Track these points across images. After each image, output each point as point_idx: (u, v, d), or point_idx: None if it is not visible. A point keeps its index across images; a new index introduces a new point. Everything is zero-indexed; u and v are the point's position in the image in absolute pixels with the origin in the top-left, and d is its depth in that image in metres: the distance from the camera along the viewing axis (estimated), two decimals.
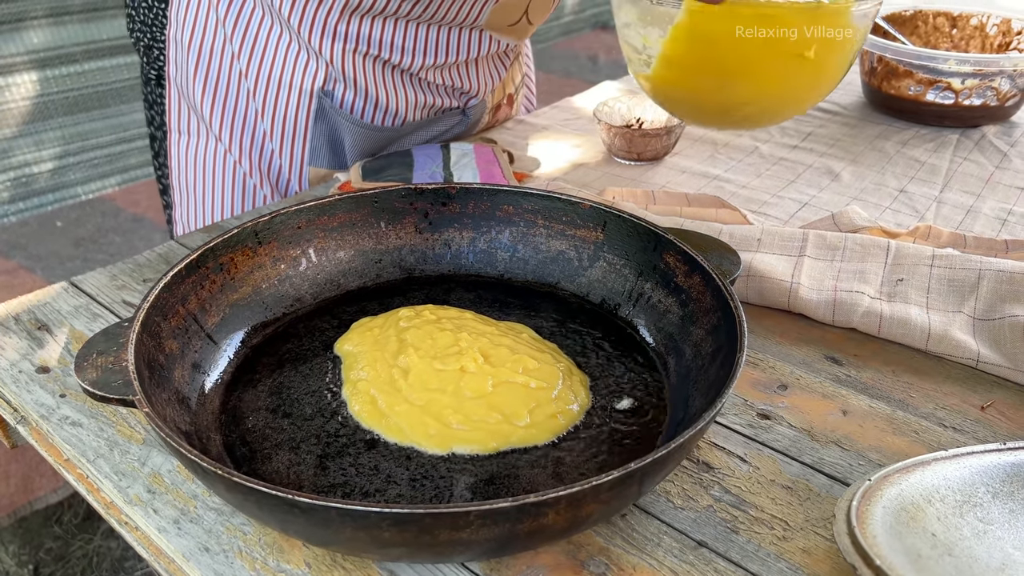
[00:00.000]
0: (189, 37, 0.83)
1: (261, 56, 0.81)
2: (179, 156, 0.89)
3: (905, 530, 0.40)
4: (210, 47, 0.82)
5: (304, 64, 0.81)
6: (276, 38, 0.80)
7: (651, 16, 0.70)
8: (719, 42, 0.68)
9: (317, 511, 0.35)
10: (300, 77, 0.82)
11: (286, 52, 0.81)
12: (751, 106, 0.74)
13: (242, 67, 0.82)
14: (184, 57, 0.84)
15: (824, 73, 0.72)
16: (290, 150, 0.85)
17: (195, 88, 0.85)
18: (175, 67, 0.86)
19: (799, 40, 0.67)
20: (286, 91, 0.82)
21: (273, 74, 0.82)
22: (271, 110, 0.83)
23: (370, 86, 0.83)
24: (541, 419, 0.49)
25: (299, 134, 0.84)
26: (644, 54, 0.73)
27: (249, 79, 0.82)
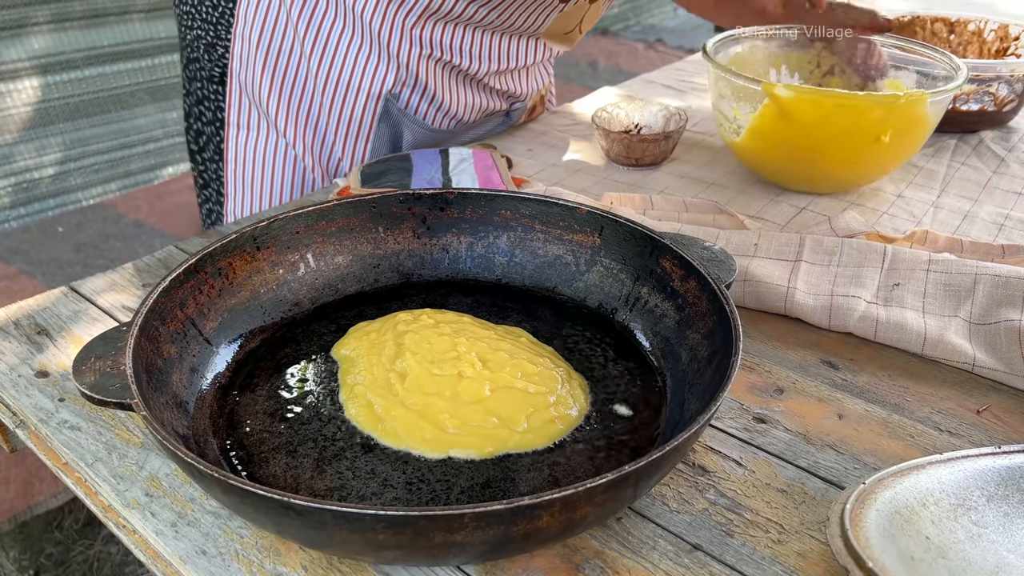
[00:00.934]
0: (259, 35, 0.85)
1: (332, 58, 0.84)
2: (236, 150, 0.91)
3: (899, 533, 0.40)
4: (279, 46, 0.85)
5: (374, 67, 0.85)
6: (348, 41, 0.84)
7: (744, 93, 0.77)
8: (803, 124, 0.75)
9: (312, 514, 0.36)
10: (369, 80, 0.85)
11: (356, 55, 0.84)
12: (828, 177, 0.81)
13: (311, 67, 0.85)
14: (252, 54, 0.86)
15: (900, 151, 0.78)
16: (352, 148, 0.89)
17: (261, 84, 0.87)
18: (240, 63, 0.88)
19: (876, 127, 0.73)
20: (354, 93, 0.86)
21: (343, 76, 0.85)
22: (338, 110, 0.87)
23: (437, 89, 0.87)
24: (539, 424, 0.49)
25: (362, 134, 0.88)
26: (735, 124, 0.80)
27: (319, 79, 0.85)
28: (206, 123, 0.99)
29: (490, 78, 0.90)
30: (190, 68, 0.98)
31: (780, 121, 0.75)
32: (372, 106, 0.87)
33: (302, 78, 0.86)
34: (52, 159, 2.38)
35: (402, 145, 0.90)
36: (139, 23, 2.39)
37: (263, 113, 0.89)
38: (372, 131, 0.88)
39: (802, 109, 0.74)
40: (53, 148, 2.37)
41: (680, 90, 1.13)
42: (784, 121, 0.75)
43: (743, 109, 0.78)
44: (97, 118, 2.40)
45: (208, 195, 1.05)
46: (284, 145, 0.89)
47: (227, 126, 0.92)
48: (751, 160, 0.83)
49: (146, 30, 2.41)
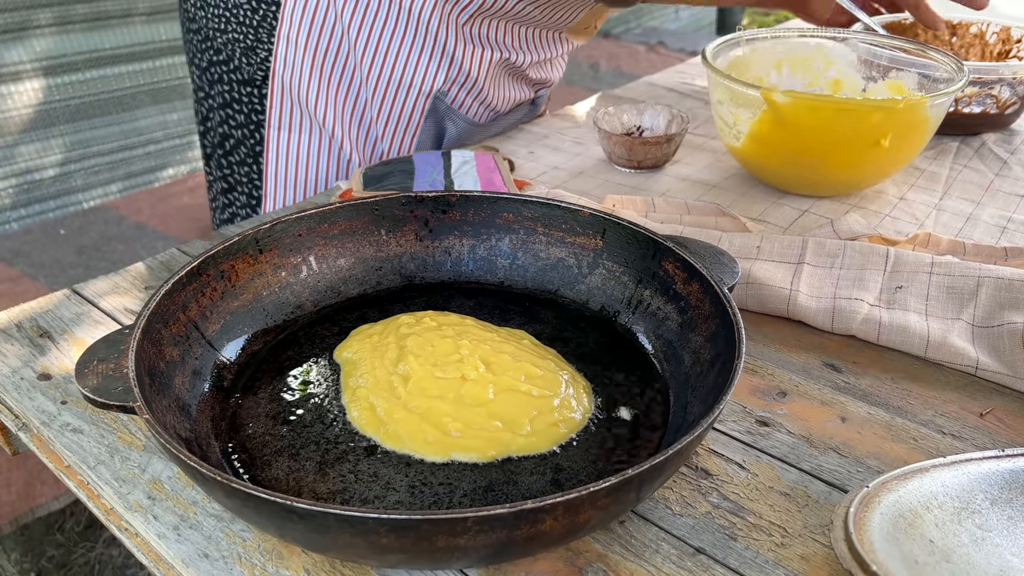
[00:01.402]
0: (307, 35, 0.87)
1: (384, 56, 0.87)
2: (278, 150, 0.93)
3: (903, 537, 0.40)
4: (327, 45, 0.87)
5: (426, 65, 0.88)
6: (400, 39, 0.86)
7: (743, 99, 0.77)
8: (802, 129, 0.75)
9: (315, 517, 0.36)
10: (421, 77, 0.88)
11: (409, 53, 0.87)
12: (829, 181, 0.81)
13: (363, 66, 0.87)
14: (298, 54, 0.88)
15: (900, 155, 0.78)
16: (399, 144, 0.93)
17: (309, 84, 0.89)
18: (283, 64, 0.89)
19: (876, 131, 0.73)
20: (405, 90, 0.89)
21: (394, 74, 0.88)
22: (388, 107, 0.90)
23: (484, 83, 0.92)
24: (542, 427, 0.49)
25: (410, 129, 0.92)
26: (735, 129, 0.80)
27: (370, 77, 0.88)
28: (236, 126, 0.99)
29: (530, 69, 0.96)
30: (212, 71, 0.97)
31: (779, 126, 0.75)
32: (422, 103, 0.90)
33: (349, 76, 0.89)
34: (54, 160, 2.38)
35: (444, 140, 0.94)
36: (140, 26, 2.40)
37: (308, 113, 0.90)
38: (419, 126, 0.91)
39: (800, 115, 0.73)
40: (55, 150, 2.37)
41: (682, 92, 1.13)
42: (783, 126, 0.75)
43: (742, 114, 0.78)
44: (98, 120, 2.41)
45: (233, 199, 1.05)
46: (328, 142, 0.91)
47: (268, 127, 0.94)
48: (752, 164, 0.83)
49: (147, 33, 2.42)
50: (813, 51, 0.91)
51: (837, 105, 0.72)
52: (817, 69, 0.91)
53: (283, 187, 0.94)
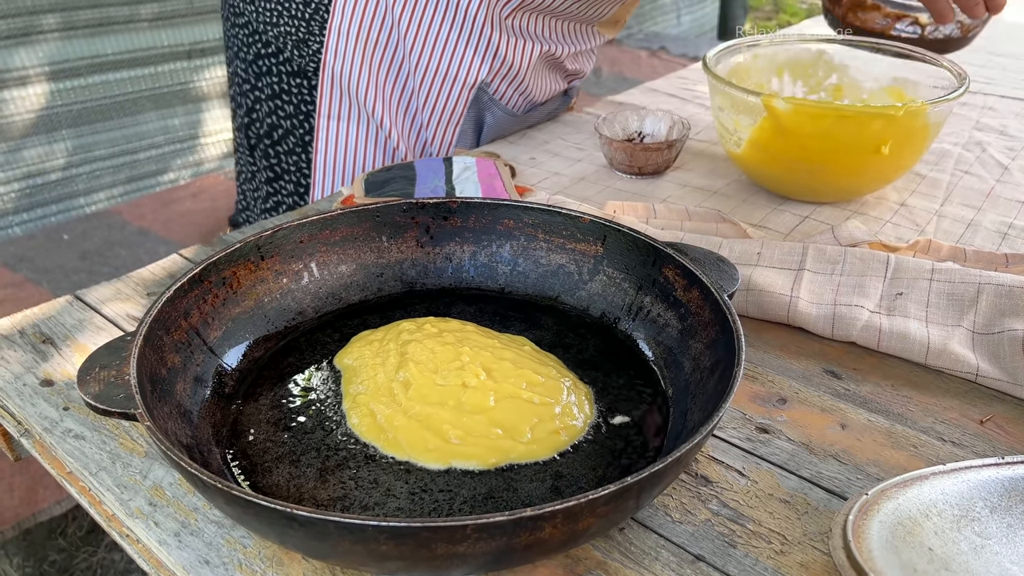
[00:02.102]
0: (357, 28, 0.91)
1: (432, 49, 0.91)
2: (328, 139, 0.97)
3: (902, 545, 0.40)
4: (376, 38, 0.91)
5: (471, 58, 0.91)
6: (447, 30, 0.90)
7: (744, 106, 0.77)
8: (802, 137, 0.75)
9: (315, 524, 0.36)
10: (466, 70, 0.92)
11: (455, 46, 0.90)
12: (829, 188, 0.82)
13: (411, 59, 0.91)
14: (349, 47, 0.91)
15: (901, 162, 0.78)
16: (443, 133, 0.96)
17: (359, 76, 0.92)
18: (334, 55, 0.93)
19: (877, 138, 0.73)
20: (450, 82, 0.92)
21: (441, 66, 0.92)
22: (434, 98, 0.94)
23: (525, 75, 0.95)
24: (543, 435, 0.49)
25: (453, 119, 0.95)
26: (735, 135, 0.81)
27: (418, 69, 0.92)
28: (285, 116, 1.03)
29: (567, 60, 1.00)
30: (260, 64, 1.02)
31: (780, 133, 0.75)
32: (466, 95, 0.93)
33: (398, 68, 0.92)
34: (56, 165, 2.39)
35: (483, 130, 0.98)
36: (144, 32, 2.40)
37: (358, 102, 0.94)
38: (463, 117, 0.95)
39: (801, 122, 0.73)
40: (58, 154, 2.38)
41: (683, 98, 1.14)
42: (784, 133, 0.75)
43: (743, 121, 0.78)
44: (100, 124, 2.41)
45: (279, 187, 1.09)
46: (375, 131, 0.95)
47: (318, 116, 0.97)
48: (752, 171, 0.84)
49: (150, 39, 2.42)
50: (814, 57, 0.91)
51: (837, 112, 0.73)
52: (818, 76, 0.91)
53: (331, 175, 0.98)
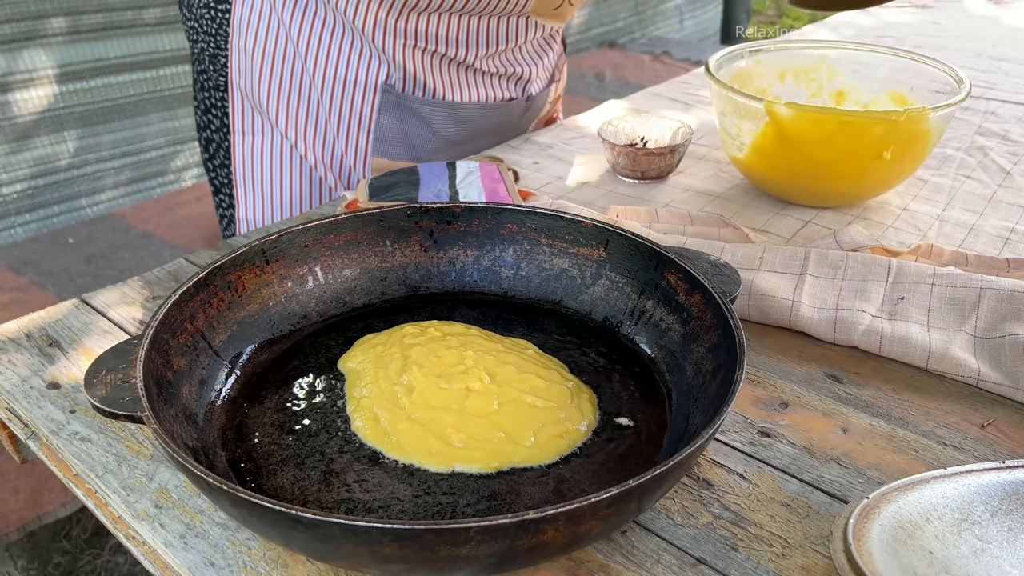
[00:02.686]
0: (253, 44, 0.89)
1: (326, 56, 0.87)
2: (244, 156, 0.95)
3: (902, 548, 0.40)
4: (273, 50, 0.88)
5: (368, 61, 0.87)
6: (340, 38, 0.86)
7: (746, 111, 0.77)
8: (804, 142, 0.75)
9: (320, 527, 0.36)
10: (364, 73, 0.88)
11: (350, 50, 0.87)
12: (831, 193, 0.81)
13: (308, 67, 0.88)
14: (249, 63, 0.90)
15: (903, 167, 0.78)
16: (355, 142, 0.92)
17: (261, 90, 0.90)
18: (239, 73, 0.91)
19: (879, 144, 0.74)
20: (351, 87, 0.89)
21: (339, 72, 0.88)
22: (337, 106, 0.90)
23: (429, 80, 0.89)
24: (546, 439, 0.49)
25: (363, 127, 0.91)
26: (738, 140, 0.81)
27: (316, 78, 0.88)
28: (215, 130, 1.02)
29: (483, 62, 0.92)
30: (199, 79, 1.01)
31: (782, 139, 0.76)
32: (370, 99, 0.89)
33: (300, 79, 0.89)
34: (60, 166, 2.40)
35: (411, 140, 0.92)
36: (147, 36, 2.42)
37: (265, 117, 0.92)
38: (373, 123, 0.91)
39: (803, 127, 0.74)
40: (61, 155, 2.39)
41: (686, 103, 1.14)
42: (786, 139, 0.75)
43: (746, 126, 0.78)
44: (102, 126, 2.42)
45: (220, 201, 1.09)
46: (289, 147, 0.92)
47: (232, 133, 0.95)
48: (755, 176, 0.84)
49: (153, 43, 2.44)
50: (817, 62, 0.91)
51: (839, 118, 0.73)
52: (821, 80, 0.92)
53: (251, 192, 0.96)
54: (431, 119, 0.92)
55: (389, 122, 0.91)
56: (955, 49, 1.40)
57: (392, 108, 0.90)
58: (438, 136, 0.93)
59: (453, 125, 0.94)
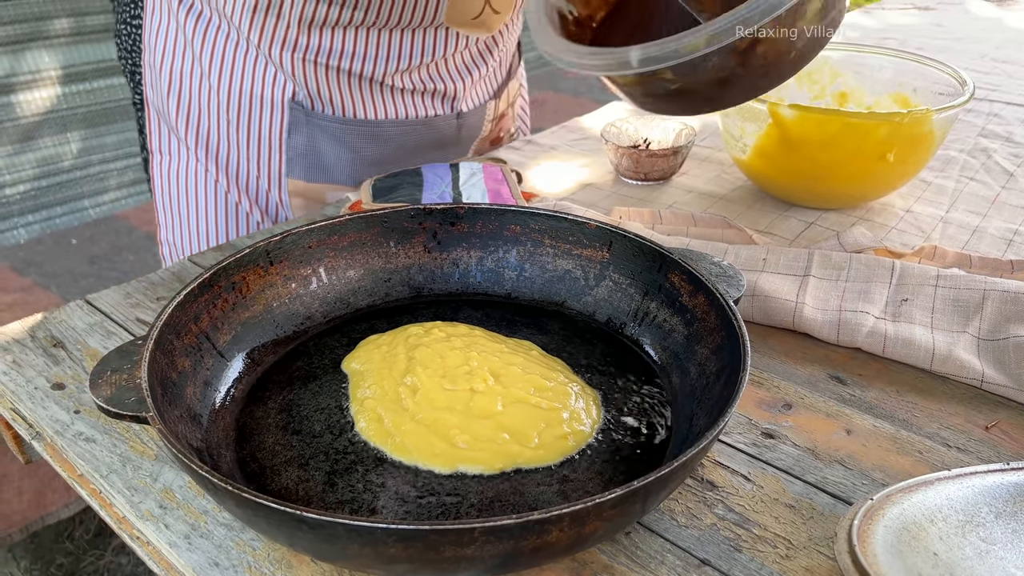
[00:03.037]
0: (160, 60, 0.85)
1: (230, 73, 0.83)
2: (162, 178, 0.90)
3: (907, 549, 0.40)
4: (180, 68, 0.84)
5: (273, 77, 0.82)
6: (243, 54, 0.82)
7: (749, 113, 0.77)
8: (807, 144, 0.75)
9: (324, 527, 0.36)
10: (270, 91, 0.83)
11: (254, 67, 0.82)
12: (835, 194, 0.82)
13: (213, 85, 0.83)
14: (159, 80, 0.86)
15: (906, 168, 0.78)
16: (268, 164, 0.86)
17: (171, 109, 0.86)
18: (152, 91, 0.89)
19: (882, 146, 0.74)
20: (258, 105, 0.83)
21: (244, 90, 0.83)
22: (245, 125, 0.85)
23: (337, 97, 0.83)
24: (550, 440, 0.49)
25: (274, 147, 0.85)
26: (741, 142, 0.81)
27: (222, 96, 0.84)
28: (143, 148, 1.00)
29: (397, 78, 0.85)
30: (132, 97, 1.00)
31: (785, 140, 0.76)
32: (278, 117, 0.84)
33: (207, 98, 0.85)
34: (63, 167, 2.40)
35: (326, 160, 0.86)
36: None
37: (179, 138, 0.88)
38: (284, 143, 0.85)
39: (806, 129, 0.74)
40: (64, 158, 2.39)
41: None
42: (789, 140, 0.75)
43: (749, 128, 0.78)
44: (104, 128, 2.43)
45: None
46: (203, 169, 0.88)
47: (151, 154, 0.91)
48: (758, 177, 0.84)
49: None
50: (820, 64, 0.91)
51: (842, 119, 0.73)
52: (823, 82, 0.92)
53: (170, 211, 0.92)
54: (345, 138, 0.86)
55: (300, 142, 0.85)
56: (958, 51, 1.40)
57: (302, 127, 0.84)
58: (356, 155, 0.87)
59: (371, 144, 0.87)
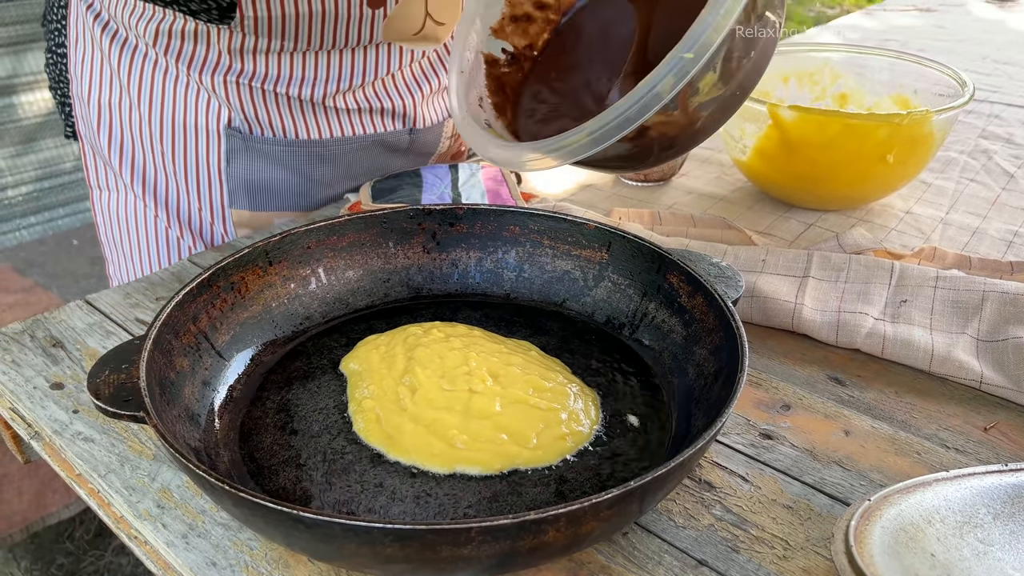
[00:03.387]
0: (88, 92, 0.81)
1: (161, 102, 0.78)
2: (103, 212, 0.86)
3: (904, 551, 0.40)
4: (108, 99, 0.80)
5: (206, 104, 0.77)
6: (173, 81, 0.77)
7: (749, 114, 0.77)
8: (807, 146, 0.75)
9: (321, 527, 0.36)
10: (204, 118, 0.78)
11: (185, 94, 0.77)
12: (835, 196, 0.82)
13: (144, 115, 0.79)
14: (88, 112, 0.82)
15: (906, 170, 0.78)
16: (208, 195, 0.81)
17: (103, 143, 0.82)
18: (83, 123, 0.84)
19: (882, 147, 0.74)
20: (192, 134, 0.78)
21: (176, 119, 0.78)
22: (181, 156, 0.80)
23: (276, 119, 0.79)
24: (549, 440, 0.49)
25: (214, 177, 0.80)
26: (741, 143, 0.81)
27: (153, 127, 0.79)
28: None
29: (336, 99, 0.80)
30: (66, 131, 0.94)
31: (785, 142, 0.76)
32: (215, 146, 0.79)
33: (139, 129, 0.80)
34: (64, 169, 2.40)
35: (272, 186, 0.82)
36: None
37: (115, 173, 0.83)
38: (223, 173, 0.80)
39: (806, 131, 0.74)
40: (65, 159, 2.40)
41: None
42: (789, 142, 0.75)
43: (749, 129, 0.78)
44: None
45: None
46: (141, 204, 0.83)
47: (89, 188, 0.87)
48: (758, 178, 0.84)
49: None
50: (820, 65, 0.91)
51: (842, 121, 0.73)
52: (824, 83, 0.92)
53: (115, 250, 0.87)
54: (289, 161, 0.81)
55: (241, 169, 0.80)
56: (959, 52, 1.40)
57: (241, 153, 0.79)
58: (303, 178, 0.83)
59: (318, 165, 0.83)
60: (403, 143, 0.87)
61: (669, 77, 0.43)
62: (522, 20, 0.59)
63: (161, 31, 0.74)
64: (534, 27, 0.60)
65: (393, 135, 0.85)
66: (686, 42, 0.42)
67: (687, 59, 0.42)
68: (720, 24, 0.42)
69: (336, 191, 0.85)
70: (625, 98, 0.44)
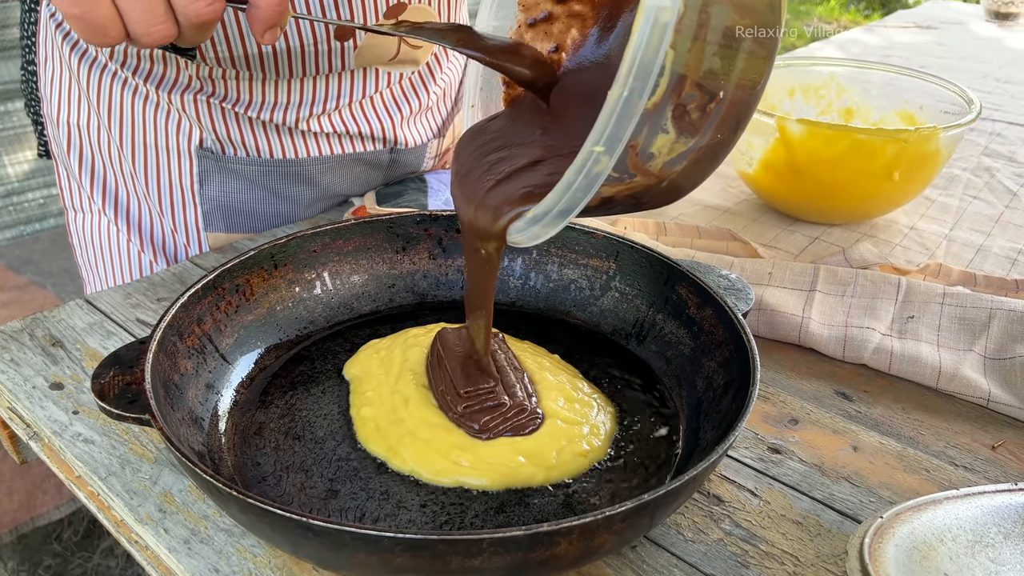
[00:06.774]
0: (57, 112, 0.79)
1: (131, 122, 0.75)
2: (78, 233, 0.84)
3: (918, 569, 0.40)
4: (77, 120, 0.78)
5: (176, 124, 0.75)
6: (143, 100, 0.74)
7: (756, 127, 0.77)
8: (814, 160, 0.75)
9: (330, 534, 0.35)
10: (175, 138, 0.75)
11: (155, 113, 0.75)
12: (840, 210, 0.82)
13: (113, 137, 0.76)
14: (58, 133, 0.80)
15: (912, 186, 0.78)
16: (183, 218, 0.79)
17: (74, 165, 0.80)
18: (55, 144, 0.82)
19: (889, 163, 0.74)
20: (164, 155, 0.76)
21: (147, 140, 0.76)
22: (154, 178, 0.77)
23: (249, 139, 0.76)
24: (568, 458, 0.48)
25: (188, 199, 0.78)
26: (747, 155, 0.80)
27: (124, 148, 0.77)
28: None
29: (309, 123, 0.77)
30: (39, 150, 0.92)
31: (791, 158, 0.76)
32: (187, 167, 0.76)
33: (107, 151, 0.78)
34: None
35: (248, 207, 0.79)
36: None
37: (87, 195, 0.81)
38: (197, 194, 0.77)
39: (814, 145, 0.74)
40: None
41: None
42: (796, 156, 0.75)
43: (756, 142, 0.78)
44: None
45: None
46: (115, 228, 0.81)
47: (64, 210, 0.85)
48: (764, 191, 0.84)
49: None
50: (826, 79, 0.92)
51: (850, 137, 0.73)
52: (830, 98, 0.92)
53: (92, 272, 0.85)
54: (264, 180, 0.78)
55: (215, 190, 0.77)
56: (961, 70, 1.40)
57: (215, 174, 0.77)
58: (280, 198, 0.80)
59: (295, 184, 0.80)
60: (383, 161, 0.84)
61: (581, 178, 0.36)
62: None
63: (130, 52, 0.72)
64: None
65: (373, 155, 0.82)
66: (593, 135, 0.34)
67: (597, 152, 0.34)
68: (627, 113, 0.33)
69: (315, 211, 0.83)
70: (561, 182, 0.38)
